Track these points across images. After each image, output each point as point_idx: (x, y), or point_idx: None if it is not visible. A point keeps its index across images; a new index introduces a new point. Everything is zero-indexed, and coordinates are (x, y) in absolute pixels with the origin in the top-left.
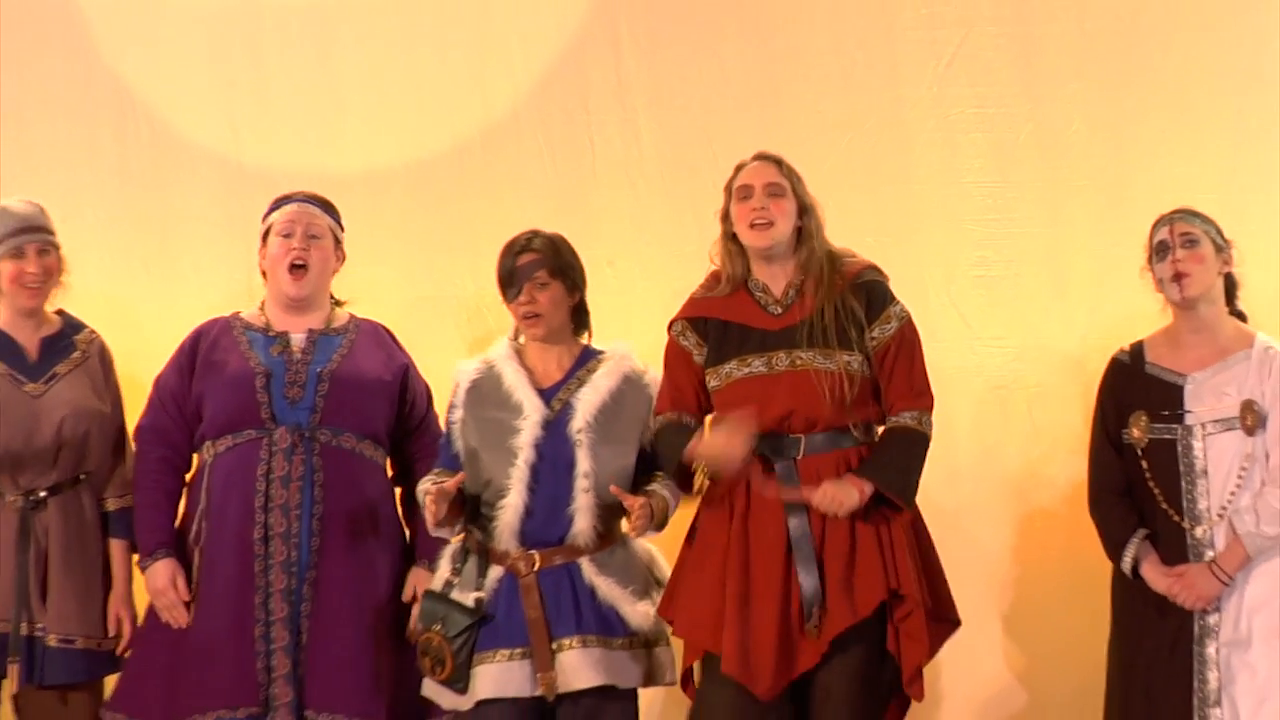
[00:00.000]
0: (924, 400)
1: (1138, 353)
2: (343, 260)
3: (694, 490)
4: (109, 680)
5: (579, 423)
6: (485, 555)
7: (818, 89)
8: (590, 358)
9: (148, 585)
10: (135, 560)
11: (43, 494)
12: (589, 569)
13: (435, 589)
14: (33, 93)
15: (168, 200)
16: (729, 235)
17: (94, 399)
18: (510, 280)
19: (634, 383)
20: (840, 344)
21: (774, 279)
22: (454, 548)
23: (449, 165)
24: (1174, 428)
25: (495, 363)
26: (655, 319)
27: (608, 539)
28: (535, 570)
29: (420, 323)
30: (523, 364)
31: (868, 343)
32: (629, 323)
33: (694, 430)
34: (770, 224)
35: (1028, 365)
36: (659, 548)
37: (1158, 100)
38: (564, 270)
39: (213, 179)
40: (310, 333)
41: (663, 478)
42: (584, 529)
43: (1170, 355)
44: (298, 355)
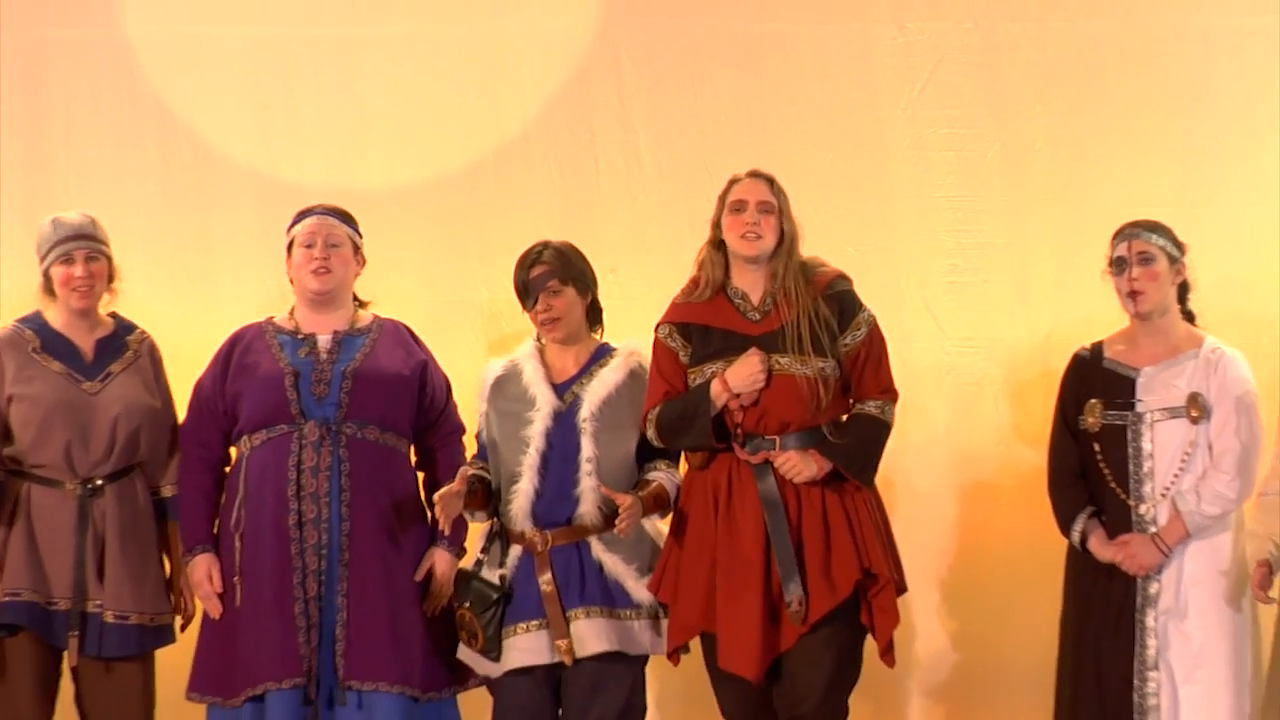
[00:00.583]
0: (889, 394)
1: (1097, 350)
2: (363, 264)
3: (716, 446)
4: (159, 653)
5: (585, 413)
6: (506, 536)
7: (802, 112)
8: (604, 354)
9: (189, 577)
10: None
11: (99, 482)
12: (597, 547)
13: (467, 568)
14: (84, 117)
15: (208, 215)
16: (715, 242)
17: (145, 395)
18: (526, 291)
19: (639, 376)
20: (815, 351)
21: (753, 287)
22: (486, 529)
23: (465, 182)
24: (1126, 414)
25: (519, 360)
26: (653, 320)
27: (614, 519)
28: (548, 548)
29: (440, 325)
30: (543, 361)
31: (840, 348)
32: (630, 323)
33: (704, 390)
34: (760, 237)
35: (995, 363)
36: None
37: (1112, 122)
38: (574, 276)
39: (249, 195)
40: (335, 334)
41: (665, 465)
42: (589, 510)
43: (1126, 352)
44: (324, 355)
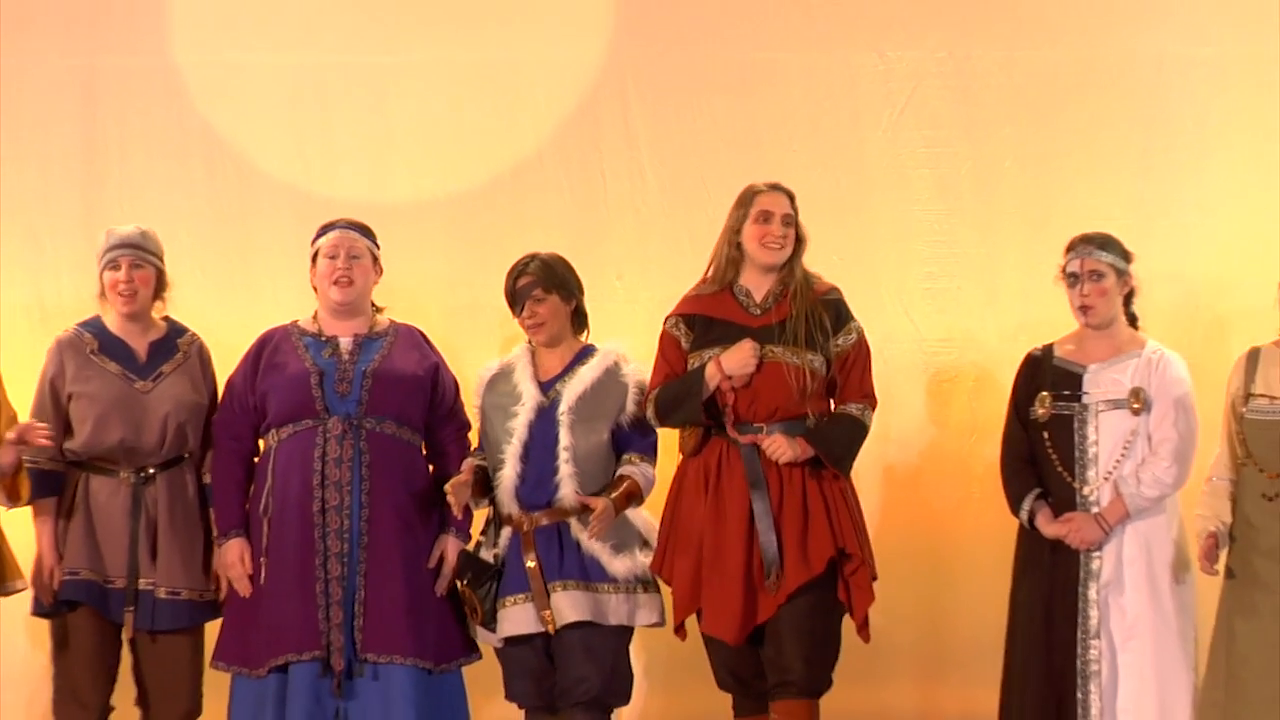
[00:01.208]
0: (869, 400)
1: (1048, 350)
2: (380, 274)
3: (704, 422)
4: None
5: (563, 407)
6: (498, 519)
7: (792, 134)
8: (586, 354)
9: (222, 560)
10: None
11: (151, 471)
12: (576, 527)
13: (468, 549)
14: (136, 138)
15: (249, 227)
16: (732, 244)
17: (193, 393)
18: (514, 300)
19: (614, 374)
20: (807, 345)
21: (758, 287)
22: (488, 515)
23: (483, 196)
24: (1073, 405)
25: (512, 361)
26: (655, 321)
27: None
28: (532, 529)
29: (458, 327)
30: (532, 361)
31: (831, 348)
32: (633, 324)
33: (699, 372)
34: (782, 248)
35: (967, 363)
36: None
37: (1076, 141)
38: (557, 285)
39: (286, 209)
40: (356, 337)
41: (638, 458)
42: (567, 494)
43: (1075, 351)
44: (346, 356)
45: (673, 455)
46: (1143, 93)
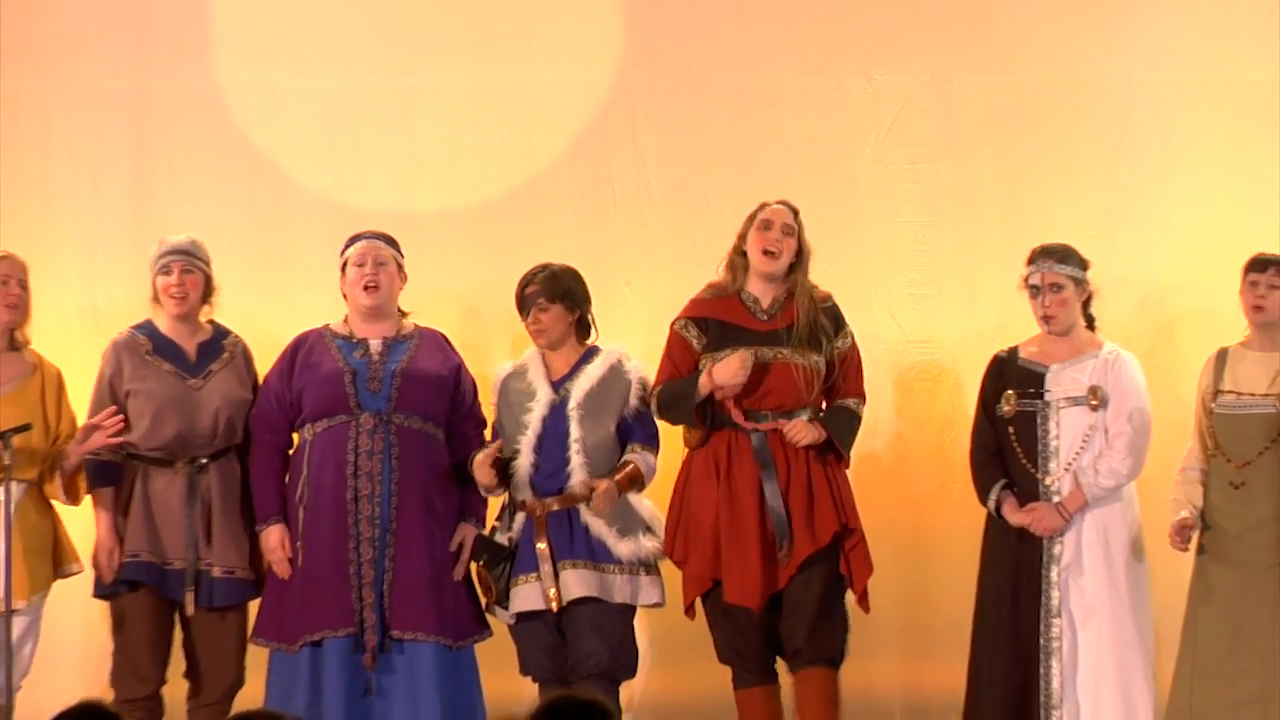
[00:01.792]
0: (861, 396)
1: (1013, 352)
2: (404, 280)
3: (697, 424)
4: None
5: (573, 402)
6: (513, 505)
7: (787, 151)
8: (591, 355)
9: (263, 545)
10: None
11: (204, 461)
12: (584, 512)
13: (484, 534)
14: (182, 154)
15: (286, 236)
16: (739, 251)
17: (240, 389)
18: (521, 306)
19: (617, 371)
20: (812, 347)
21: (764, 294)
22: (503, 502)
23: (502, 208)
24: (1036, 402)
25: (526, 362)
26: (660, 324)
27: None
28: (544, 513)
29: (477, 329)
30: (544, 362)
31: (832, 350)
32: (640, 327)
33: (695, 378)
34: (778, 255)
35: (949, 362)
36: (654, 498)
37: (1049, 158)
38: (561, 295)
39: (320, 219)
40: (384, 339)
41: (641, 448)
42: (577, 481)
43: (1038, 353)
44: (376, 357)
45: (676, 448)
46: (1111, 114)
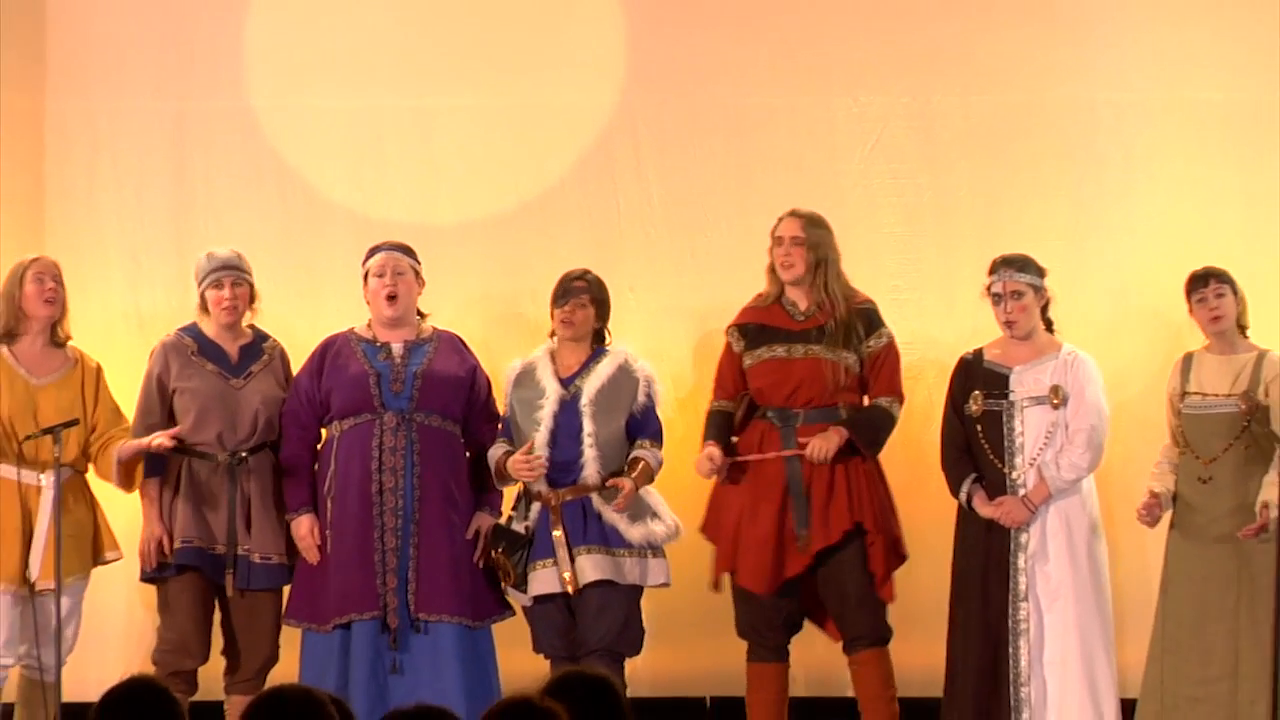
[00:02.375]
0: (897, 395)
1: (979, 354)
2: (423, 286)
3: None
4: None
5: (585, 399)
6: (529, 496)
7: (779, 166)
8: (600, 355)
9: (294, 533)
10: None
11: (244, 455)
12: (597, 501)
13: (501, 523)
14: (219, 170)
15: (314, 245)
16: (771, 267)
17: (278, 389)
18: (563, 295)
19: (626, 370)
20: (843, 345)
21: (800, 298)
22: (517, 492)
23: (514, 220)
24: (1001, 402)
25: (535, 360)
26: (662, 326)
27: (608, 478)
28: (559, 503)
29: (493, 332)
30: (553, 360)
31: (864, 349)
32: (642, 329)
33: (730, 422)
34: (791, 266)
35: (929, 361)
36: (673, 496)
37: (1021, 173)
38: (598, 301)
39: (347, 231)
40: (406, 342)
41: (649, 444)
42: (590, 473)
43: (1001, 355)
44: (398, 360)
45: (683, 450)
46: (1077, 132)
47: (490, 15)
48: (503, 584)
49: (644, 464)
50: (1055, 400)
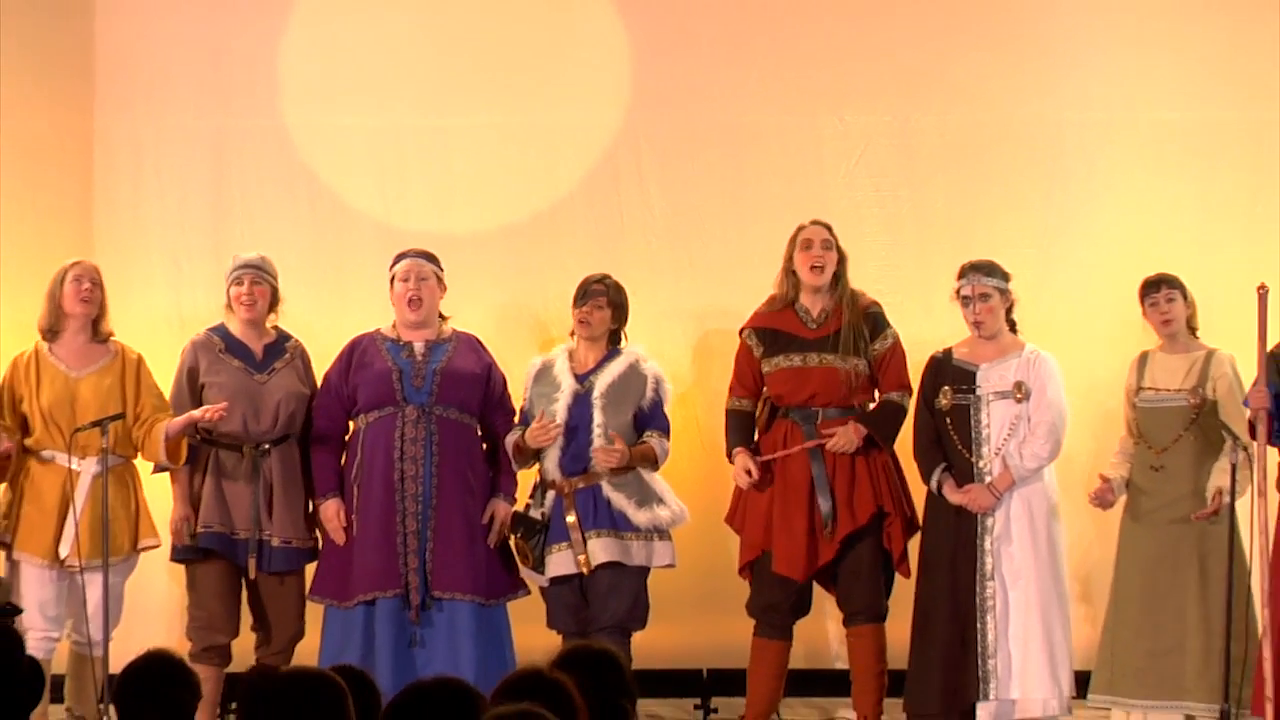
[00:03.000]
0: (905, 388)
1: (948, 353)
2: (444, 290)
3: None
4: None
5: (597, 393)
6: (544, 484)
7: (771, 180)
8: (613, 355)
9: (321, 515)
10: None
11: (267, 446)
12: (607, 487)
13: (520, 510)
14: (254, 182)
15: (342, 252)
16: (789, 271)
17: (299, 385)
18: (583, 297)
19: (636, 368)
20: (854, 352)
21: (813, 304)
22: (534, 482)
23: (526, 229)
24: (969, 397)
25: (553, 358)
26: (663, 328)
27: (619, 469)
28: (572, 490)
29: (506, 332)
30: (570, 358)
31: (870, 352)
32: (645, 330)
33: (751, 420)
34: (823, 269)
35: (909, 359)
36: (675, 483)
37: (993, 186)
38: (615, 305)
39: (372, 238)
40: (427, 342)
41: (658, 435)
42: (599, 448)
43: (969, 354)
44: (419, 358)
45: (685, 442)
46: (1044, 148)
47: (505, 41)
48: (521, 566)
49: (647, 446)
50: (1019, 395)
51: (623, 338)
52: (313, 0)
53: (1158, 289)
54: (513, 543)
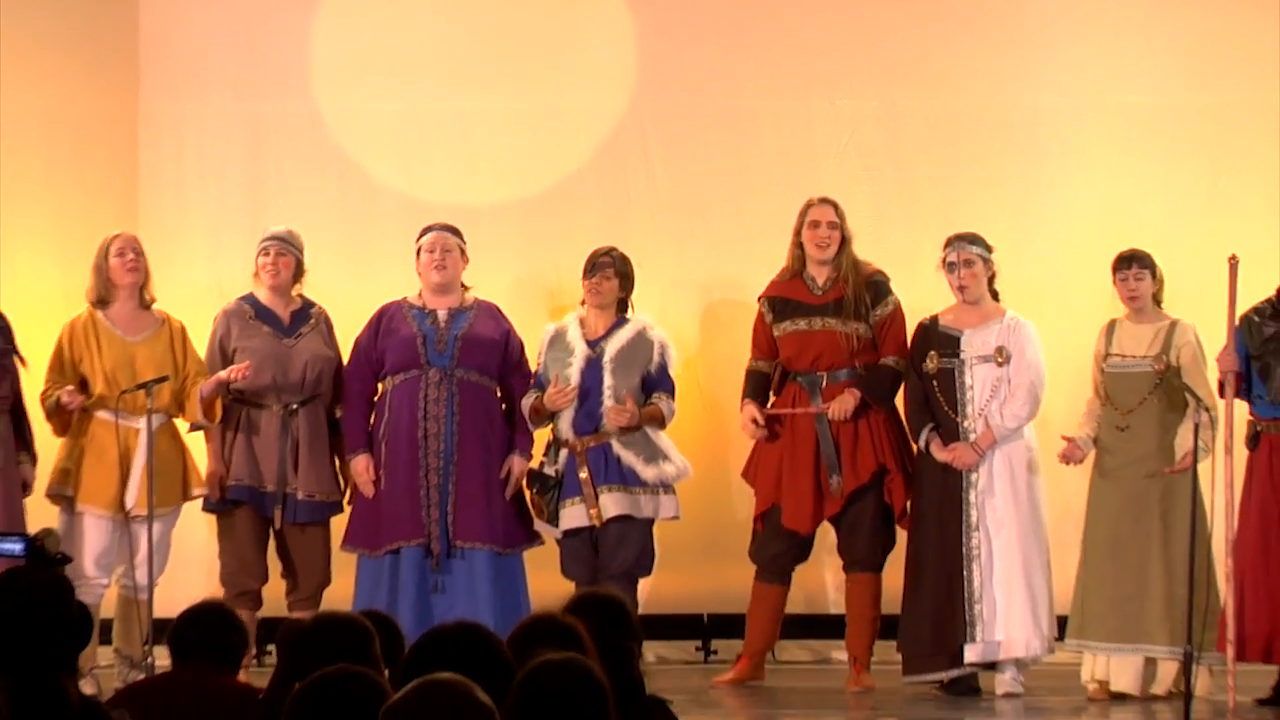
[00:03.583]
0: (902, 352)
1: (934, 320)
2: (466, 262)
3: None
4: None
5: (607, 358)
6: (558, 443)
7: (767, 160)
8: (622, 323)
9: (351, 469)
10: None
11: (295, 406)
12: (617, 445)
13: (534, 468)
14: (289, 161)
15: (369, 226)
16: (797, 244)
17: (324, 348)
18: (592, 268)
19: (643, 335)
20: (856, 317)
21: (819, 274)
22: (548, 441)
23: (540, 204)
24: (953, 361)
25: (566, 325)
26: (668, 297)
27: (628, 428)
28: (584, 449)
29: (523, 299)
30: (582, 325)
31: (872, 318)
32: (651, 300)
33: (766, 380)
34: (829, 246)
35: None
36: (681, 441)
37: (973, 166)
38: (622, 276)
39: (397, 212)
40: (450, 309)
41: (665, 397)
42: (610, 407)
43: (954, 320)
44: (442, 325)
45: (689, 403)
46: (1021, 130)
47: (521, 31)
48: (537, 520)
49: (654, 408)
50: (1000, 359)
51: (629, 306)
52: None
53: (1128, 265)
54: (529, 498)
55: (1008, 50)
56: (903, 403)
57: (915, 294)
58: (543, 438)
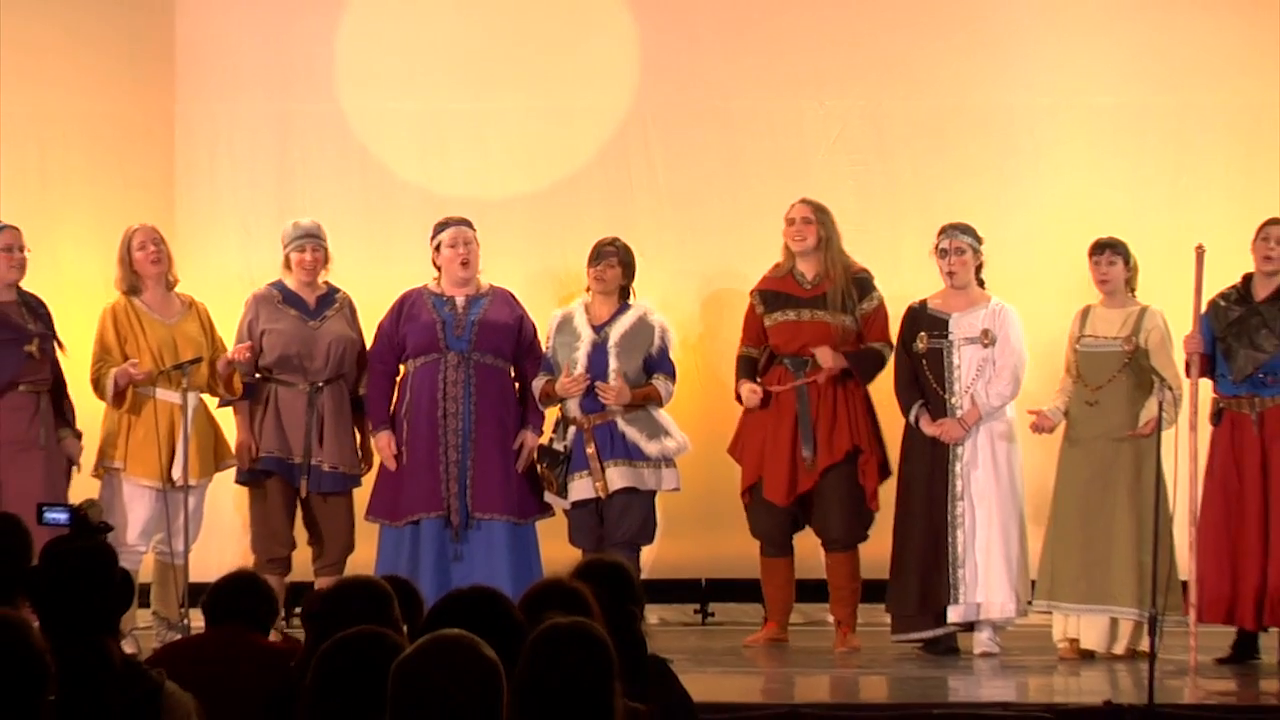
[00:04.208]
0: (888, 341)
1: (923, 304)
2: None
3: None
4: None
5: (612, 341)
6: (566, 421)
7: (760, 156)
8: (625, 309)
9: (375, 445)
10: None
11: (320, 384)
12: (622, 422)
13: (544, 444)
14: (314, 158)
15: (390, 218)
16: (786, 244)
17: (348, 331)
18: (597, 257)
19: (645, 320)
20: (843, 310)
21: (808, 269)
22: (557, 419)
23: (549, 197)
24: (942, 341)
25: (572, 310)
26: (669, 286)
27: (632, 406)
28: (591, 426)
29: (531, 286)
30: (587, 311)
31: (858, 311)
32: (653, 287)
33: (755, 364)
34: (803, 240)
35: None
36: (681, 417)
37: (954, 160)
38: (624, 264)
39: (416, 205)
40: (467, 296)
41: (664, 378)
42: (613, 383)
43: (942, 304)
44: (460, 311)
45: (689, 383)
46: (997, 128)
47: (531, 34)
48: (547, 492)
49: (652, 388)
50: (985, 341)
51: (632, 293)
52: (366, 0)
53: (1102, 252)
54: (540, 471)
55: (985, 53)
56: (893, 379)
57: (898, 283)
58: (552, 415)
